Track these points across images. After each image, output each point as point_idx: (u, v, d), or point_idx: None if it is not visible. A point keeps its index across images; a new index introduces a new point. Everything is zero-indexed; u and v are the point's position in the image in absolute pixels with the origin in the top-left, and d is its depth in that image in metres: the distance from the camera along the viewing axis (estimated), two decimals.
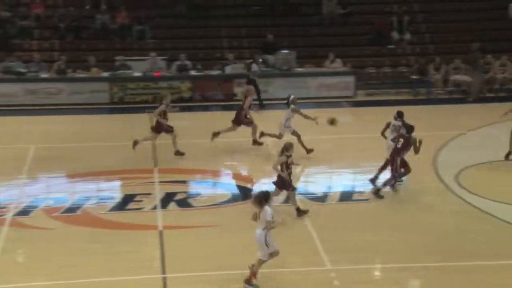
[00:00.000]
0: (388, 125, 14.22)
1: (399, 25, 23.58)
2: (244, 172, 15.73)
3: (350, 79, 21.68)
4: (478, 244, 11.81)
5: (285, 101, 16.18)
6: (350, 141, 16.89)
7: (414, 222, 12.64)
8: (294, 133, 15.89)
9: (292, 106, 15.91)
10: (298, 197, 13.78)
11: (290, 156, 12.49)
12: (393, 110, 19.56)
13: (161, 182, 14.66)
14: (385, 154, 14.01)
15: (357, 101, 20.71)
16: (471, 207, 13.17)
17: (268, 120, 17.33)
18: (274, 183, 12.82)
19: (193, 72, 22.03)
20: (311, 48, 23.26)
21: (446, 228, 12.38)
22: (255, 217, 10.14)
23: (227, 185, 15.01)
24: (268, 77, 21.73)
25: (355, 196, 14.04)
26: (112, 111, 21.32)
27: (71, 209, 13.31)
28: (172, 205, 13.59)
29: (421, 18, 24.41)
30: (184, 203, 13.71)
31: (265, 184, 14.61)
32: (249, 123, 16.62)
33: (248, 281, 10.18)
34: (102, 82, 21.61)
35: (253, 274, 10.13)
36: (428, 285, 10.57)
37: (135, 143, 15.95)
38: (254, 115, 16.89)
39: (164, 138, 17.50)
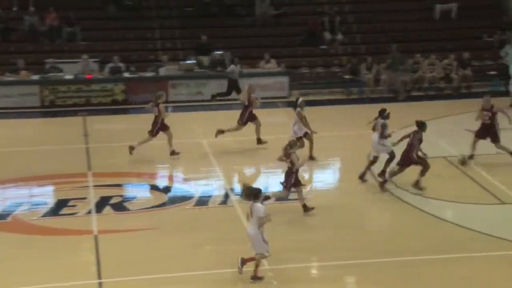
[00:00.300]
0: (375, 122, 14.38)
1: (331, 26, 23.87)
2: (181, 174, 15.60)
3: (285, 80, 21.82)
4: (412, 240, 12.07)
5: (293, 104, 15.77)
6: (286, 141, 16.93)
7: (351, 220, 12.80)
8: (307, 136, 15.43)
9: (298, 109, 15.40)
10: (236, 198, 13.82)
11: (295, 153, 12.66)
12: (327, 109, 19.86)
13: (95, 186, 14.40)
14: (371, 150, 14.36)
15: (292, 101, 20.82)
16: (405, 204, 13.42)
17: (210, 120, 17.33)
18: (282, 183, 12.89)
19: (126, 74, 21.74)
20: (245, 49, 23.30)
21: (381, 225, 12.62)
22: (248, 216, 10.32)
23: (164, 187, 14.87)
24: (203, 79, 21.65)
25: (293, 195, 14.10)
26: (43, 114, 20.82)
27: (0, 216, 12.92)
28: (108, 209, 13.36)
29: (352, 18, 24.79)
30: (119, 207, 13.50)
31: (205, 185, 14.65)
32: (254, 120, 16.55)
33: (255, 277, 10.34)
34: (32, 85, 21.07)
35: (257, 269, 10.32)
36: (366, 281, 10.72)
37: (131, 148, 15.81)
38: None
39: (102, 141, 17.28)
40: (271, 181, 14.95)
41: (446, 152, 15.89)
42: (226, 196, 14.04)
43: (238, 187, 14.64)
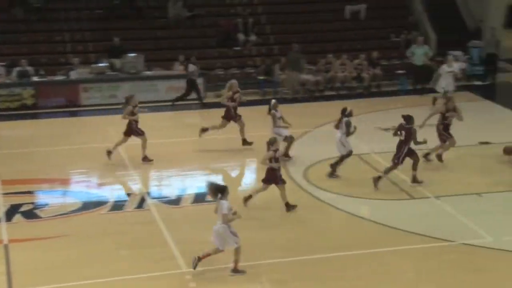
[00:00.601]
0: (339, 120, 14.65)
1: (244, 27, 24.00)
2: (95, 179, 15.28)
3: (199, 81, 21.75)
4: (325, 237, 12.27)
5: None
6: (201, 142, 16.92)
7: (266, 219, 12.88)
8: (286, 139, 15.54)
9: (272, 111, 15.63)
10: (152, 202, 13.68)
11: (277, 150, 12.70)
12: (242, 110, 19.88)
13: (4, 194, 13.93)
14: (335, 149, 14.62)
15: (207, 102, 20.83)
16: (318, 202, 13.62)
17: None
18: (263, 180, 12.89)
19: (35, 78, 21.13)
20: (159, 51, 23.10)
21: (295, 223, 12.74)
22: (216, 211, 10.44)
23: (77, 193, 14.52)
24: (116, 81, 21.31)
25: (209, 197, 14.07)
26: None
27: None
28: (18, 217, 12.96)
29: (265, 19, 25.00)
30: (31, 215, 13.11)
31: (120, 190, 14.42)
32: (238, 119, 16.52)
33: (235, 270, 10.50)
34: None
35: (236, 262, 10.52)
36: (281, 279, 10.82)
37: (109, 153, 15.48)
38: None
39: (10, 147, 16.74)
40: (188, 183, 14.91)
41: (358, 150, 16.24)
42: (142, 200, 13.87)
43: (155, 191, 14.52)
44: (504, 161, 15.37)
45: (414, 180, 14.26)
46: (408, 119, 14.10)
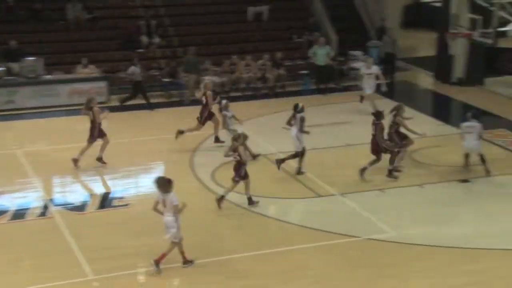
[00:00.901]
0: (292, 116, 14.83)
1: (147, 29, 23.71)
2: None
3: (103, 85, 21.29)
4: (233, 237, 12.32)
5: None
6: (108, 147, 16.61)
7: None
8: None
9: (223, 112, 16.14)
10: (55, 209, 13.31)
11: (241, 145, 13.14)
12: (147, 114, 19.64)
13: None
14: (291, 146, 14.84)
15: (111, 106, 20.43)
16: (226, 203, 13.61)
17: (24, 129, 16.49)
18: (233, 179, 13.19)
19: None
20: (59, 55, 22.44)
21: (203, 224, 12.71)
22: (159, 205, 10.79)
23: None
24: (14, 86, 20.56)
25: (114, 202, 13.85)
26: None
27: None
28: None
29: (168, 21, 24.79)
30: None
31: (21, 198, 13.94)
32: (213, 119, 16.59)
33: (157, 262, 10.73)
34: None
35: (163, 256, 10.79)
36: (184, 284, 10.75)
37: (75, 161, 15.15)
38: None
39: None
40: (93, 189, 14.60)
41: (265, 150, 16.40)
42: (45, 207, 13.45)
43: (58, 198, 14.11)
44: (403, 157, 15.88)
45: (390, 174, 14.67)
46: (378, 115, 14.63)
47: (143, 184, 14.99)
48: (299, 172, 15.01)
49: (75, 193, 14.40)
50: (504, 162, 15.82)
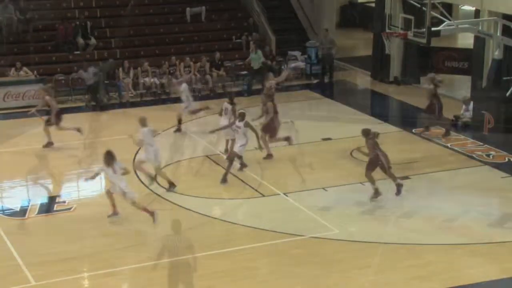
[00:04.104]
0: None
1: (83, 31, 23.32)
2: None
3: (39, 87, 20.85)
4: (178, 238, 12.21)
5: None
6: (37, 152, 16.30)
7: (118, 226, 12.63)
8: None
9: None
10: None
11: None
12: (88, 116, 19.32)
13: None
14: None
15: (49, 109, 19.99)
16: (169, 204, 13.54)
17: None
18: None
19: None
20: None
21: (144, 225, 12.61)
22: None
23: None
24: None
25: (56, 207, 13.58)
26: None
27: None
28: None
29: (104, 23, 24.44)
30: None
31: None
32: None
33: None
34: None
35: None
36: (134, 286, 10.66)
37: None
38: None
39: None
40: (33, 194, 14.29)
41: (208, 151, 16.38)
42: None
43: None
44: (346, 156, 16.14)
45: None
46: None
47: (86, 187, 14.75)
48: (242, 166, 15.09)
49: (14, 198, 14.04)
50: (440, 158, 16.25)
